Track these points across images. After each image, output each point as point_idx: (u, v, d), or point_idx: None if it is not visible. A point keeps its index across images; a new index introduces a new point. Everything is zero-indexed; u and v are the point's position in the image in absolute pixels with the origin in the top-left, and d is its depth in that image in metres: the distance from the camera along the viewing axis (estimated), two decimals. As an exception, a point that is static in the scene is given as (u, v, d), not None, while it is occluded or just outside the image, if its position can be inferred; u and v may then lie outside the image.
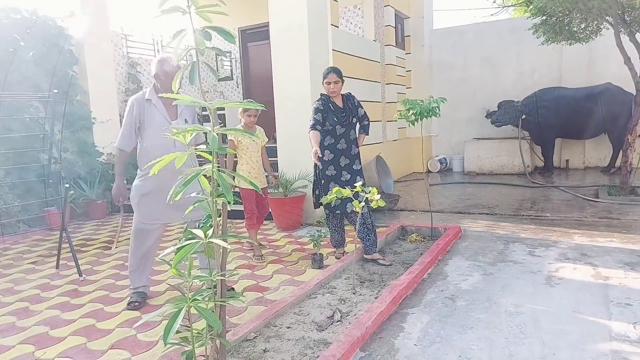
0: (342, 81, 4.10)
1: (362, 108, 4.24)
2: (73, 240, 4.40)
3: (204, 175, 2.05)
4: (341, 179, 4.05)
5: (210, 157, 2.05)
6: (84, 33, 7.00)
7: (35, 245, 5.37)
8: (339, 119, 4.05)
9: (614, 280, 3.45)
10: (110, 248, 5.06)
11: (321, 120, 4.00)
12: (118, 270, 4.25)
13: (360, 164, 4.16)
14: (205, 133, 1.99)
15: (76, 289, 3.81)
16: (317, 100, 4.12)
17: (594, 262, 3.84)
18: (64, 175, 6.38)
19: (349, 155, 4.10)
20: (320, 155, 3.81)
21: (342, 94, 4.16)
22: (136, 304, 3.36)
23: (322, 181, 4.08)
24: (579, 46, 7.23)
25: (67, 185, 4.15)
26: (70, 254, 4.21)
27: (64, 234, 4.23)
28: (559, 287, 3.39)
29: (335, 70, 4.10)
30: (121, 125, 3.26)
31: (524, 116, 8.61)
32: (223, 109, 8.65)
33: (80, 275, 4.06)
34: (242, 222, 5.83)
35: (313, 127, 3.98)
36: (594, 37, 6.79)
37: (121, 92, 7.88)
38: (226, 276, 2.07)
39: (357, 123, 4.22)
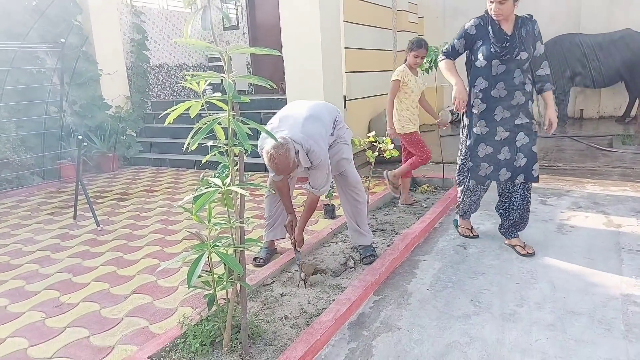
0: None
1: (543, 43, 2.92)
2: (88, 191, 4.46)
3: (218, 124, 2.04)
4: (495, 138, 2.97)
5: (224, 106, 2.02)
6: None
7: (51, 197, 5.46)
8: (497, 51, 2.80)
9: (626, 227, 3.46)
10: (125, 199, 5.14)
11: (461, 49, 2.96)
12: (134, 221, 4.33)
13: (528, 117, 2.96)
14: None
15: (95, 239, 3.91)
16: (474, 18, 2.93)
17: (606, 211, 3.85)
18: (74, 128, 6.39)
19: (508, 106, 2.90)
20: (469, 105, 2.97)
21: (517, 16, 2.86)
22: (261, 260, 3.18)
23: (468, 141, 3.09)
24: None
25: (80, 137, 4.15)
26: (87, 205, 4.29)
27: (79, 186, 4.29)
28: (571, 235, 3.42)
29: None
30: (128, 79, 3.06)
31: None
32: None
33: (98, 225, 4.15)
34: (254, 174, 5.87)
35: (444, 55, 3.04)
36: (617, -22, 6.46)
37: (126, 42, 7.72)
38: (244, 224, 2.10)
39: (530, 66, 2.90)
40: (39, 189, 5.84)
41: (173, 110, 2.00)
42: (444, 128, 4.33)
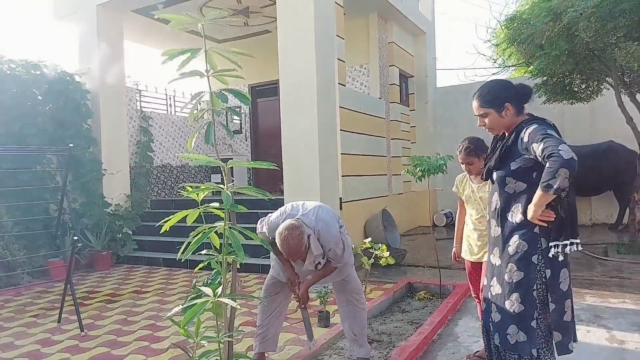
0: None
1: (541, 141, 2.13)
2: (76, 291, 4.34)
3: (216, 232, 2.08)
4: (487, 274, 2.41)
5: (222, 214, 2.08)
6: (100, 89, 7.26)
7: (38, 298, 5.30)
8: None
9: (629, 344, 3.34)
10: (113, 301, 4.99)
11: None
12: (120, 326, 4.16)
13: (505, 259, 2.19)
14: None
15: (77, 345, 3.73)
16: None
17: (608, 325, 3.74)
18: (71, 226, 6.40)
19: (489, 237, 2.38)
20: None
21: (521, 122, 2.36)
22: None
23: None
24: (580, 105, 7.39)
25: (76, 238, 4.16)
26: (73, 307, 4.15)
27: (67, 287, 4.19)
28: (574, 351, 3.27)
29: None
30: (130, 178, 3.22)
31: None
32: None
33: (82, 330, 3.97)
34: (247, 276, 5.77)
35: None
36: (595, 97, 6.97)
37: (133, 144, 8.06)
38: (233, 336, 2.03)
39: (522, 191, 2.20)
40: (27, 289, 5.68)
41: (170, 219, 2.05)
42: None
